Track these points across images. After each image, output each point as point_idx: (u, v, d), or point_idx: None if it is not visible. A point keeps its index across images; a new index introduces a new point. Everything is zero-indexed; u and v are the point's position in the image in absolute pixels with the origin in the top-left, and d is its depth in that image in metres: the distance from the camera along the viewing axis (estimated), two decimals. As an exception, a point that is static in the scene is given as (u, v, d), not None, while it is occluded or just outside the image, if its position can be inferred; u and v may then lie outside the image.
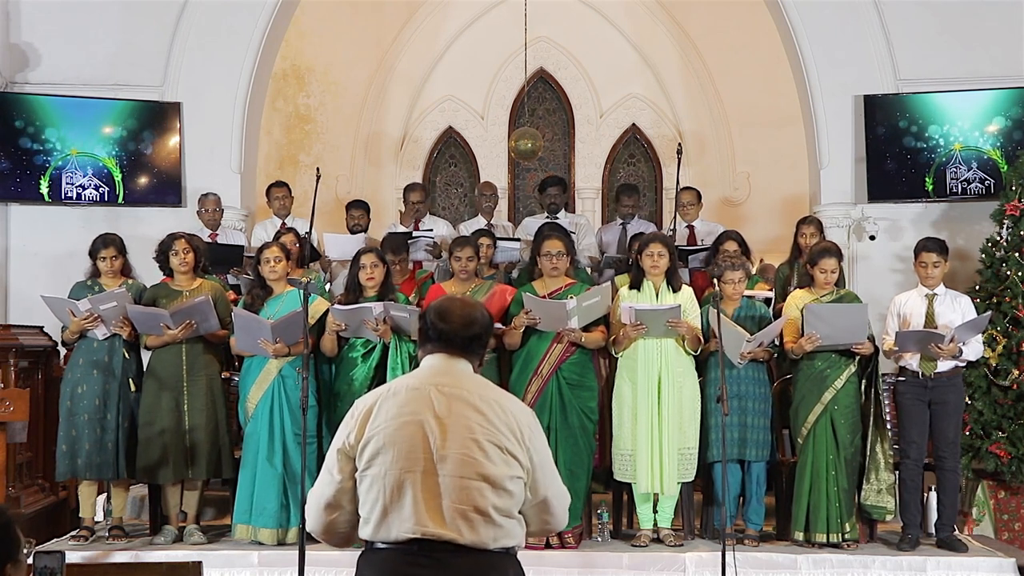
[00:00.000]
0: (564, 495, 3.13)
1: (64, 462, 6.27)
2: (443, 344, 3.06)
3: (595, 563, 5.97)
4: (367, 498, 2.96)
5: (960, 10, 8.43)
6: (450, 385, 3.00)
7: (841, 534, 6.10)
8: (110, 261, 6.35)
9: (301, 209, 8.39)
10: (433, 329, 3.07)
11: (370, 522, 2.96)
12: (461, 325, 3.06)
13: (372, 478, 2.95)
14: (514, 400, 3.09)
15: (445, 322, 3.06)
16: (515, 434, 2.96)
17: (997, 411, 7.24)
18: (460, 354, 3.07)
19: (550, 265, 6.26)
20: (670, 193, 9.04)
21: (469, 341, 3.07)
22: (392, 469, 2.92)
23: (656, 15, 10.36)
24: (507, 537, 2.95)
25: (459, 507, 2.89)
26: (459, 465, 2.90)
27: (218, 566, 5.88)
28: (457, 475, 2.90)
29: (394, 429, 2.95)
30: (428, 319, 3.09)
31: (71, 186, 8.53)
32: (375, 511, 2.94)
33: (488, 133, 10.60)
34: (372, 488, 2.95)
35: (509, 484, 2.94)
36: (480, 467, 2.90)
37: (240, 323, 6.11)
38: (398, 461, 2.92)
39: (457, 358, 3.06)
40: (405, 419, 2.95)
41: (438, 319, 3.07)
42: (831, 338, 6.07)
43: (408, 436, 2.93)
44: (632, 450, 6.12)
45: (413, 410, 2.96)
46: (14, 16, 8.62)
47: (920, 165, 8.40)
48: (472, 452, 2.91)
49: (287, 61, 10.00)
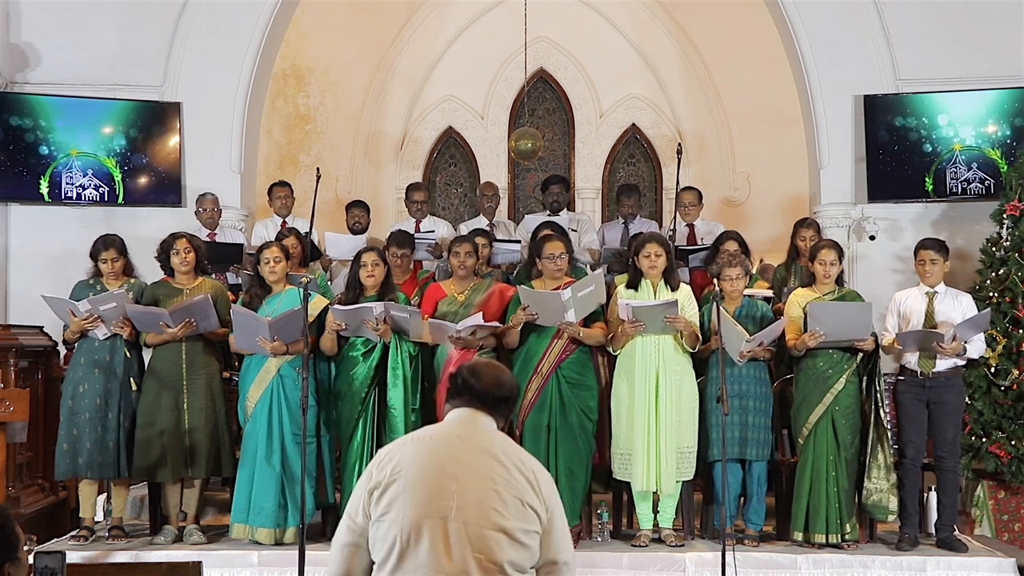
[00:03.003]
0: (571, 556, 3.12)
1: (65, 461, 6.27)
2: (472, 399, 3.12)
3: (595, 563, 5.96)
4: (383, 543, 2.96)
5: (960, 10, 8.43)
6: (474, 437, 3.05)
7: (841, 534, 6.10)
8: (111, 263, 6.35)
9: (301, 209, 8.38)
10: (464, 385, 3.13)
11: (386, 567, 2.95)
12: (492, 385, 3.13)
13: (390, 523, 2.95)
14: (533, 458, 3.12)
15: (477, 380, 3.13)
16: (534, 488, 2.99)
17: (997, 411, 7.24)
18: (486, 411, 3.12)
19: (554, 267, 6.25)
20: (670, 193, 9.04)
21: (498, 401, 3.13)
22: (410, 514, 2.93)
23: (656, 15, 10.36)
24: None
25: (475, 556, 2.89)
26: (477, 515, 2.91)
27: (218, 566, 5.88)
28: (475, 524, 2.91)
29: (415, 475, 2.96)
30: (460, 375, 3.16)
31: (71, 186, 8.53)
32: (391, 556, 2.94)
33: (488, 133, 10.59)
34: (389, 533, 2.95)
35: (525, 538, 2.95)
36: (498, 518, 2.92)
37: (238, 321, 6.11)
38: (417, 507, 2.93)
39: (483, 414, 3.11)
40: (426, 465, 2.98)
41: (470, 376, 3.14)
42: (835, 335, 6.06)
43: (428, 483, 2.95)
44: (629, 449, 6.12)
45: (435, 457, 3.00)
46: (14, 16, 8.62)
47: (920, 165, 8.40)
48: (492, 502, 2.93)
49: (287, 61, 10.00)
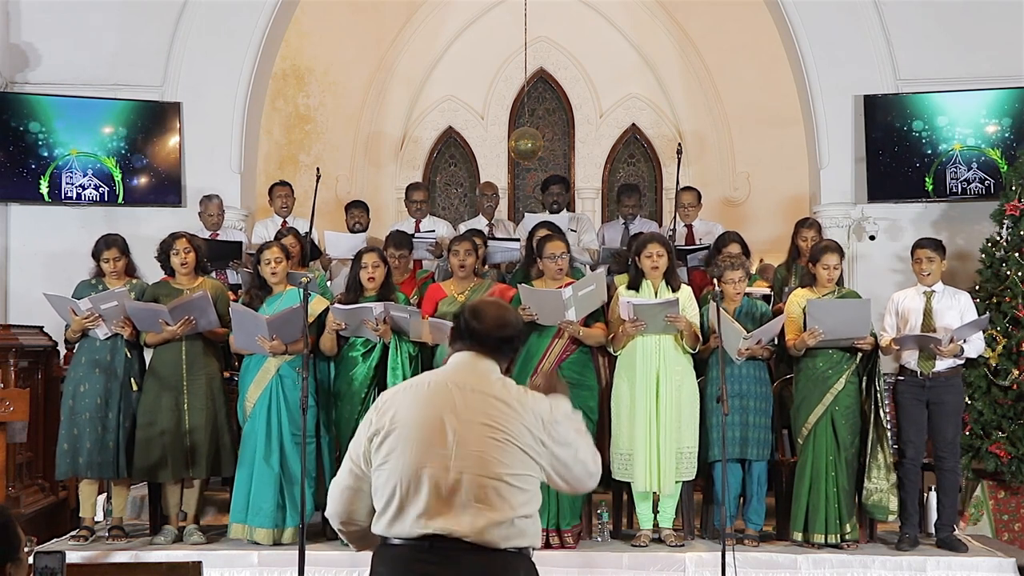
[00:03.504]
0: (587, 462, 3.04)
1: (65, 461, 6.27)
2: (474, 343, 3.07)
3: (595, 563, 5.96)
4: (383, 491, 2.96)
5: (960, 10, 8.43)
6: (472, 383, 3.00)
7: (841, 534, 6.10)
8: (113, 263, 6.35)
9: (302, 209, 8.38)
10: (467, 327, 3.08)
11: (385, 515, 2.95)
12: (495, 326, 3.07)
13: (389, 471, 2.94)
14: (535, 396, 3.05)
15: (479, 321, 3.07)
16: (532, 432, 2.95)
17: (997, 411, 7.24)
18: (489, 354, 3.07)
19: (555, 267, 6.25)
20: (670, 193, 9.04)
21: (500, 342, 3.08)
22: (409, 463, 2.92)
23: (656, 15, 10.36)
24: (520, 537, 2.94)
25: (473, 504, 2.88)
26: (476, 462, 2.90)
27: (218, 566, 5.88)
28: (473, 472, 2.89)
29: (413, 423, 2.95)
30: (463, 317, 3.10)
31: (71, 186, 8.53)
32: (391, 505, 2.94)
33: (488, 133, 10.59)
34: (388, 481, 2.94)
35: (524, 483, 2.93)
36: (497, 465, 2.90)
37: (237, 319, 6.10)
38: (415, 455, 2.92)
39: (484, 358, 3.06)
40: (424, 413, 2.95)
41: (472, 317, 3.08)
42: (834, 333, 6.06)
43: (426, 430, 2.93)
44: (630, 449, 6.12)
45: (433, 405, 2.96)
46: (14, 16, 8.62)
47: (920, 165, 8.40)
48: (490, 450, 2.91)
49: (287, 61, 10.00)
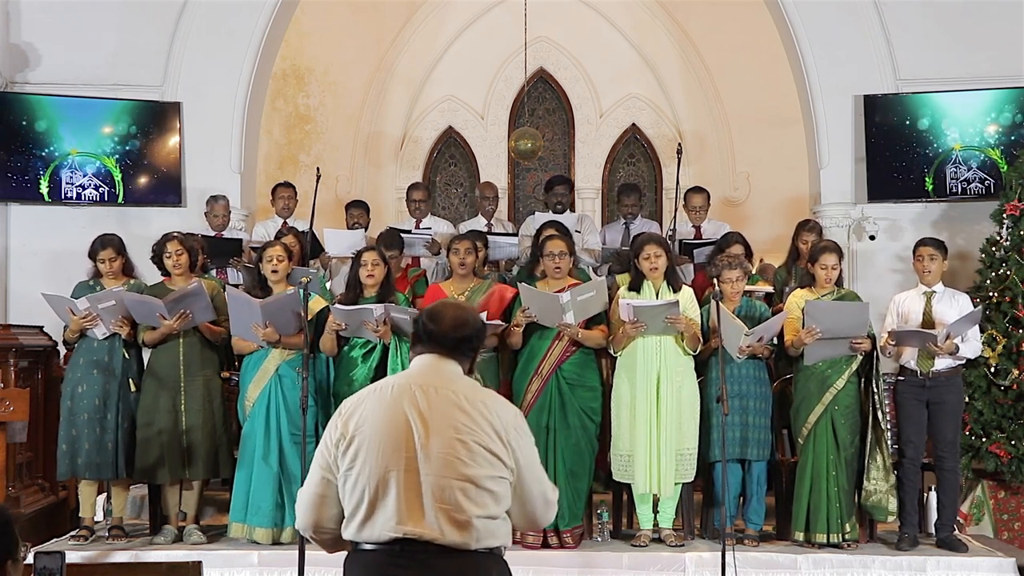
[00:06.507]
0: (547, 495, 3.09)
1: (64, 462, 6.27)
2: (433, 345, 3.07)
3: (595, 563, 5.97)
4: (352, 496, 2.96)
5: (960, 10, 8.43)
6: (436, 385, 3.00)
7: (841, 534, 6.10)
8: (109, 263, 6.35)
9: (302, 209, 8.38)
10: (424, 330, 3.09)
11: (355, 520, 2.95)
12: (452, 327, 3.07)
13: (356, 476, 2.94)
14: (500, 400, 3.07)
15: (436, 324, 3.07)
16: (499, 434, 2.96)
17: (997, 411, 7.24)
18: (449, 355, 3.07)
19: (552, 265, 6.25)
20: (670, 193, 9.03)
21: (459, 343, 3.07)
22: (376, 467, 2.92)
23: (656, 15, 10.35)
24: (491, 537, 2.94)
25: (442, 507, 2.89)
26: (443, 465, 2.90)
27: (218, 566, 5.88)
28: (440, 475, 2.89)
29: (379, 426, 2.95)
30: (420, 321, 3.11)
31: (71, 186, 8.53)
32: (360, 509, 2.94)
33: (488, 133, 10.58)
34: (356, 486, 2.94)
35: (492, 484, 2.94)
36: (464, 467, 2.90)
37: (232, 304, 6.11)
38: (382, 459, 2.92)
39: (446, 359, 3.06)
40: (390, 417, 2.95)
41: (429, 320, 3.09)
42: (831, 333, 6.06)
43: (392, 434, 2.93)
44: (630, 450, 6.11)
45: (398, 408, 2.96)
46: (14, 16, 8.62)
47: (920, 165, 8.40)
48: (456, 452, 2.91)
49: (287, 61, 9.99)
